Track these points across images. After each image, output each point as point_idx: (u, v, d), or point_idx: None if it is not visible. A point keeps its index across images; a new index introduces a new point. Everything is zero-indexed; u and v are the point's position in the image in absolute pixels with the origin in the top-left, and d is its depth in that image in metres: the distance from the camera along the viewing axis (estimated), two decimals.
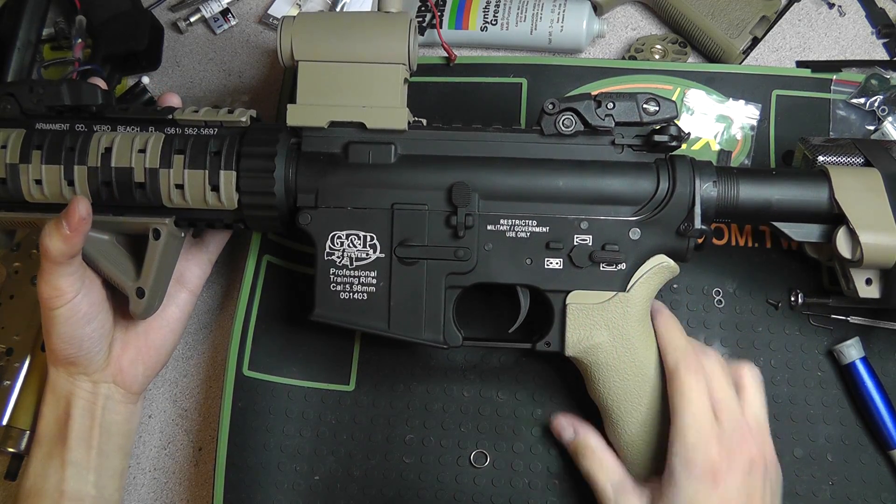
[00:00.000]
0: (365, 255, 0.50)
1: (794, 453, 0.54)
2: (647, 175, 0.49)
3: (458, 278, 0.50)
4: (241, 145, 0.49)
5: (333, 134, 0.50)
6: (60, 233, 0.47)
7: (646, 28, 0.67)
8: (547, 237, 0.49)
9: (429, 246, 0.49)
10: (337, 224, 0.50)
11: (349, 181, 0.50)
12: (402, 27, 0.49)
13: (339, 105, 0.50)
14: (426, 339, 0.50)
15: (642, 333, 0.50)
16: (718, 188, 0.49)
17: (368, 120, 0.50)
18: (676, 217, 0.49)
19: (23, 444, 0.58)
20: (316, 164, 0.50)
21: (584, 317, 0.50)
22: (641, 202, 0.49)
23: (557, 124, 0.49)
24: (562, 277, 0.50)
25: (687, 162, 0.50)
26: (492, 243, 0.50)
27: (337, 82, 0.49)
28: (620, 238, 0.49)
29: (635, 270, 0.49)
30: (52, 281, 0.48)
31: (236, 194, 0.49)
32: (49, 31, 0.69)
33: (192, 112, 0.50)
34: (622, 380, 0.50)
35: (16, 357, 0.59)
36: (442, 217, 0.49)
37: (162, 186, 0.49)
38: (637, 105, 0.49)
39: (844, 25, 0.65)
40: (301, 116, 0.50)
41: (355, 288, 0.50)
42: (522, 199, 0.50)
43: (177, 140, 0.50)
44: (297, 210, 0.50)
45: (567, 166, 0.50)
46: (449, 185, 0.49)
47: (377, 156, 0.50)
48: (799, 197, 0.49)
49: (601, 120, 0.49)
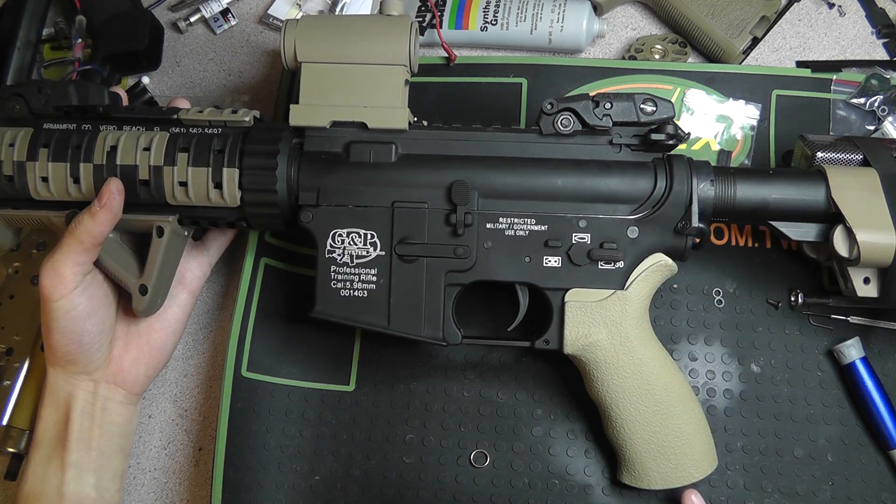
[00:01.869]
0: (365, 253, 0.50)
1: (794, 453, 0.54)
2: (644, 174, 0.50)
3: (457, 276, 0.51)
4: (245, 143, 0.50)
5: (335, 133, 0.51)
6: (90, 210, 0.48)
7: (646, 28, 0.67)
8: (545, 235, 0.50)
9: (428, 244, 0.50)
10: (338, 222, 0.50)
11: (350, 180, 0.50)
12: (403, 30, 0.50)
13: (341, 105, 0.50)
14: (426, 336, 0.50)
15: (641, 331, 0.50)
16: (716, 187, 0.50)
17: (370, 120, 0.50)
18: (674, 215, 0.50)
19: (23, 444, 0.58)
20: (318, 163, 0.51)
21: (582, 314, 0.50)
22: (639, 201, 0.50)
23: (556, 124, 0.50)
24: (560, 275, 0.50)
25: (684, 161, 0.50)
26: (491, 241, 0.50)
27: (339, 83, 0.50)
28: (618, 236, 0.50)
29: (633, 268, 0.50)
30: (57, 267, 0.48)
31: (239, 192, 0.50)
32: (49, 31, 0.69)
33: (196, 112, 0.51)
34: (620, 377, 0.50)
35: (16, 357, 0.59)
36: (442, 215, 0.50)
37: (166, 184, 0.50)
38: (634, 105, 0.49)
39: (844, 25, 0.65)
40: (304, 116, 0.51)
41: (356, 285, 0.51)
42: (521, 197, 0.50)
43: (181, 139, 0.51)
44: (299, 208, 0.51)
45: (565, 165, 0.50)
46: (448, 183, 0.50)
47: (378, 155, 0.51)
48: (796, 196, 0.50)
49: (599, 120, 0.49)
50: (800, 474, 0.54)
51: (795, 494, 0.53)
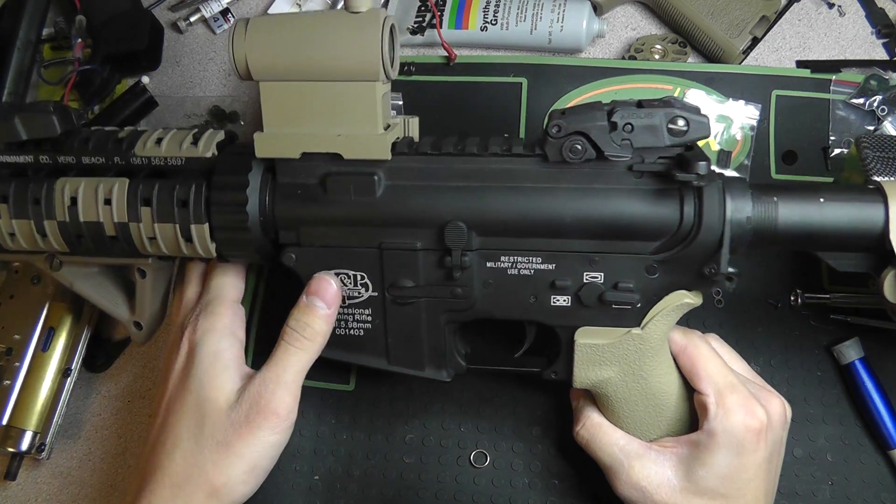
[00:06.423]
0: (357, 294, 0.46)
1: (794, 453, 0.54)
2: (668, 204, 0.42)
3: (457, 315, 0.47)
4: (210, 189, 0.45)
5: (309, 164, 0.44)
6: (316, 312, 0.45)
7: (646, 28, 0.67)
8: (552, 275, 0.44)
9: (423, 286, 0.45)
10: (323, 263, 0.46)
11: (331, 218, 0.44)
12: (372, 32, 0.41)
13: (311, 133, 0.43)
14: (430, 375, 0.48)
15: (657, 366, 0.46)
16: (754, 218, 0.41)
17: (345, 150, 0.43)
18: (702, 254, 0.42)
19: (23, 445, 0.58)
20: (294, 199, 0.45)
21: (593, 354, 0.46)
22: (661, 237, 0.43)
23: (564, 151, 0.42)
24: (569, 315, 0.45)
25: (717, 188, 0.41)
26: (492, 280, 0.45)
27: (304, 106, 0.42)
28: (636, 276, 0.43)
29: (651, 307, 0.44)
30: (291, 387, 0.45)
31: (213, 244, 0.46)
32: (49, 31, 0.69)
33: (154, 144, 0.46)
34: (633, 410, 0.47)
35: (16, 357, 0.59)
36: (435, 256, 0.45)
37: (135, 238, 0.46)
38: (661, 126, 0.41)
39: (844, 25, 0.65)
40: (270, 147, 0.44)
41: (350, 325, 0.48)
42: (524, 234, 0.44)
43: (142, 187, 0.45)
44: (281, 248, 0.46)
45: (575, 196, 0.43)
46: (441, 222, 0.43)
47: (359, 189, 0.44)
48: (848, 223, 0.41)
49: (617, 147, 0.41)
50: (799, 474, 0.54)
51: (795, 494, 0.53)
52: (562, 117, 0.42)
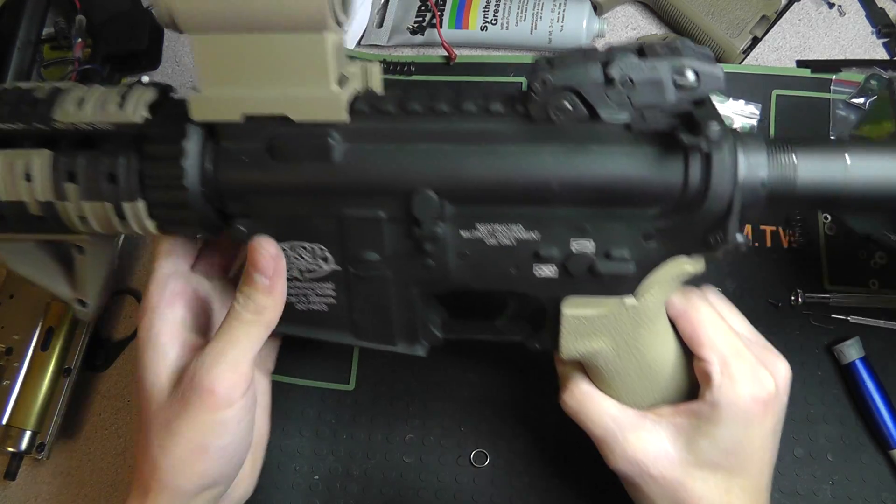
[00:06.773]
0: (316, 268, 0.42)
1: (794, 453, 0.54)
2: (671, 168, 0.36)
3: (430, 286, 0.42)
4: (142, 160, 0.39)
5: (254, 127, 0.38)
6: (258, 285, 0.40)
7: (646, 28, 0.67)
8: (536, 245, 0.39)
9: (390, 258, 0.40)
10: (276, 235, 0.40)
11: (282, 187, 0.39)
12: None
13: (252, 94, 0.37)
14: (402, 350, 0.44)
15: (652, 335, 0.42)
16: (769, 185, 0.36)
17: (293, 111, 0.37)
18: (707, 220, 0.37)
19: (23, 444, 0.58)
20: (239, 165, 0.39)
21: (581, 325, 0.41)
22: (661, 204, 0.37)
23: (550, 110, 0.36)
24: (555, 285, 0.40)
25: (728, 153, 0.35)
26: (468, 251, 0.40)
27: (244, 61, 0.36)
28: (630, 242, 0.38)
29: (647, 274, 0.39)
30: (239, 362, 0.40)
31: (151, 221, 0.40)
32: (49, 31, 0.69)
33: (76, 108, 0.40)
34: (626, 380, 0.44)
35: (16, 356, 0.59)
36: (402, 226, 0.39)
37: (64, 217, 0.41)
38: (666, 80, 0.34)
39: (844, 25, 0.65)
40: (207, 110, 0.37)
41: (312, 299, 0.43)
42: (505, 202, 0.38)
43: (63, 160, 0.40)
44: (229, 219, 0.41)
45: (562, 159, 0.37)
46: (408, 190, 0.38)
47: (312, 154, 0.38)
48: (879, 183, 0.36)
49: (614, 107, 0.35)
50: (799, 474, 0.54)
51: (795, 493, 0.53)
52: (549, 69, 0.36)
